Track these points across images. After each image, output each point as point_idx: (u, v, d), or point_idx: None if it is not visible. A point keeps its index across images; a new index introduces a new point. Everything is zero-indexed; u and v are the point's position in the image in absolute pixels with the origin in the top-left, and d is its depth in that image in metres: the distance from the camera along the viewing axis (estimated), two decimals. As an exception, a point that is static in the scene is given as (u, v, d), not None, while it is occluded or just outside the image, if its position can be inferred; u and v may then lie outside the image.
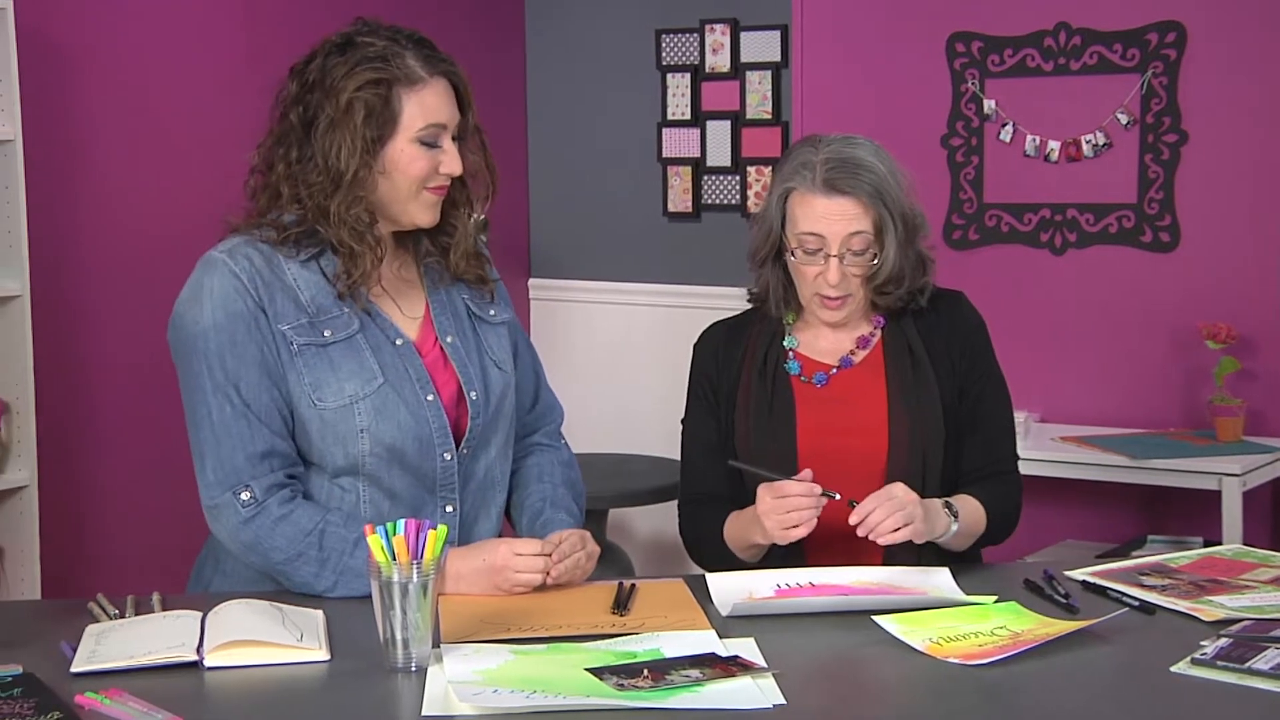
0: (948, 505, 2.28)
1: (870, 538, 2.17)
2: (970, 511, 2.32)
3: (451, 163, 2.18)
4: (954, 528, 2.27)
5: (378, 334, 2.21)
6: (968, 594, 2.10)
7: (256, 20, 4.52)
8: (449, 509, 2.25)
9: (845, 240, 2.31)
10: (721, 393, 2.45)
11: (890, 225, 2.32)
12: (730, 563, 2.38)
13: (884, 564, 2.27)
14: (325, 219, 2.15)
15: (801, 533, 2.20)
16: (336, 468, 2.18)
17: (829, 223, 2.31)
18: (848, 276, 2.33)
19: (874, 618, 1.97)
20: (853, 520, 2.17)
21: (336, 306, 2.19)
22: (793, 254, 2.35)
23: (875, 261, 2.33)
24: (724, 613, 2.05)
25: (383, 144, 2.14)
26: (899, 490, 2.20)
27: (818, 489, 2.19)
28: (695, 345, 2.51)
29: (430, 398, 2.21)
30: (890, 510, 2.17)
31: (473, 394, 2.25)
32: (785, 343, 2.44)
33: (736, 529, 2.37)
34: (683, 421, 2.50)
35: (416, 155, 2.16)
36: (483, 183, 2.26)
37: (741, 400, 2.42)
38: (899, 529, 2.17)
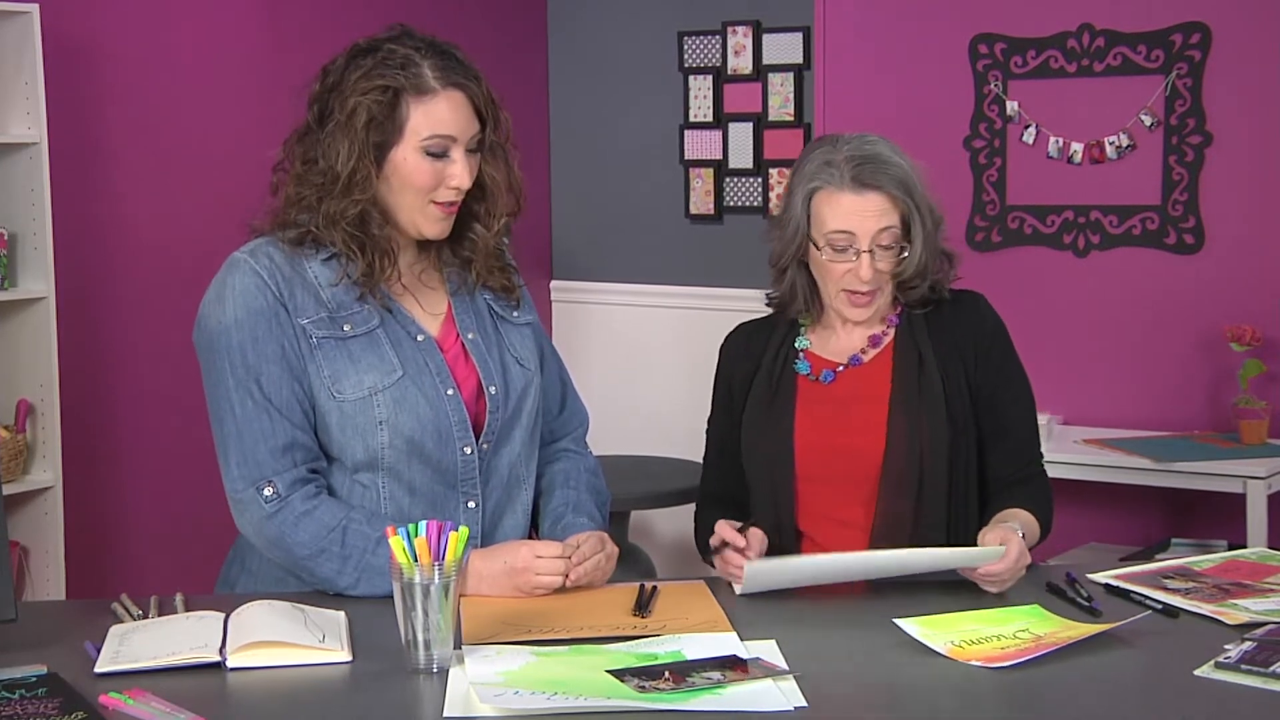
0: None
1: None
2: (1031, 533, 2.30)
3: (460, 176, 2.16)
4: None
5: (398, 329, 2.21)
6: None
7: (280, 22, 4.54)
8: (471, 505, 2.25)
9: (875, 235, 2.31)
10: (735, 393, 2.46)
11: (917, 218, 2.33)
12: None
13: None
14: (320, 218, 2.16)
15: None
16: (356, 462, 2.19)
17: (860, 219, 2.31)
18: (877, 272, 2.33)
19: (895, 620, 1.97)
20: (983, 570, 2.13)
21: (357, 303, 2.19)
22: (821, 253, 2.34)
23: (904, 255, 2.33)
24: (739, 590, 2.08)
25: (386, 150, 2.15)
26: (1018, 553, 2.15)
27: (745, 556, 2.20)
28: (721, 346, 2.52)
29: (450, 392, 2.21)
30: (1015, 574, 2.14)
31: (492, 389, 2.25)
32: (797, 343, 2.45)
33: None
34: (708, 421, 2.52)
35: (420, 165, 2.15)
36: (504, 198, 2.25)
37: (751, 399, 2.43)
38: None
